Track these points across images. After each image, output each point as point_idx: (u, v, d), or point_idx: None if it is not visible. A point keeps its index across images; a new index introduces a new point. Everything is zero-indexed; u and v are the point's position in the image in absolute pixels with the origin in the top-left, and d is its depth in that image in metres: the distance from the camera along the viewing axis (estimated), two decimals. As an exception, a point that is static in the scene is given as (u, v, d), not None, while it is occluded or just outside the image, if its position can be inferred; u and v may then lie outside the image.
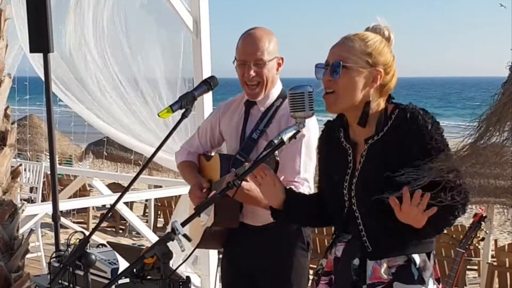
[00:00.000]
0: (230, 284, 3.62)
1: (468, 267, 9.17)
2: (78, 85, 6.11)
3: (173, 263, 2.58)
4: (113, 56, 6.06)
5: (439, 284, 2.71)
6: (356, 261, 2.66)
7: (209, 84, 3.28)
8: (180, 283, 2.56)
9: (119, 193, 8.68)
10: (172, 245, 2.47)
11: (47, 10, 4.39)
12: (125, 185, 11.40)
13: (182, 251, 2.51)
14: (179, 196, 6.39)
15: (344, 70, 2.61)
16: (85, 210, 11.43)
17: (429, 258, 2.67)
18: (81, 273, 3.71)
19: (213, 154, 3.67)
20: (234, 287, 3.59)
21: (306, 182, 3.35)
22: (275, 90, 3.49)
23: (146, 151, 6.13)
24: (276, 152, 2.67)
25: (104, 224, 12.56)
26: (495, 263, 8.24)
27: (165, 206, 12.16)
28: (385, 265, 2.62)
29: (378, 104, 2.68)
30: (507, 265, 7.80)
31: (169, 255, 2.48)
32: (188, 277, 2.62)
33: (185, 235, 2.46)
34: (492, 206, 8.34)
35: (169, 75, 5.97)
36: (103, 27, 6.04)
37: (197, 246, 3.30)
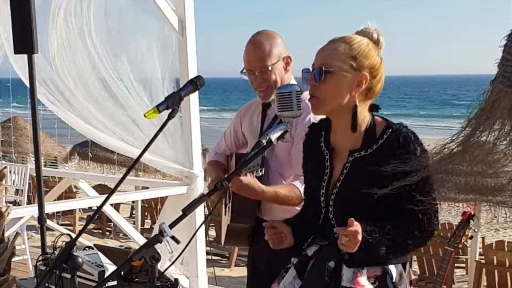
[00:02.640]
0: (254, 279, 3.71)
1: (455, 265, 9.20)
2: (62, 86, 6.05)
3: (161, 265, 2.55)
4: (99, 56, 6.00)
5: (411, 286, 2.73)
6: (331, 264, 2.66)
7: (195, 84, 3.24)
8: (169, 285, 2.53)
9: (106, 195, 8.63)
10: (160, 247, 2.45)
11: (32, 11, 4.36)
12: (112, 186, 11.34)
13: (171, 253, 2.49)
14: (166, 197, 6.35)
15: (327, 75, 2.60)
16: (71, 212, 11.37)
17: (405, 269, 2.68)
18: (68, 276, 3.69)
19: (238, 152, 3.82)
20: (259, 282, 3.64)
21: None
22: None
23: (132, 153, 6.07)
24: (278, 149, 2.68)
25: (91, 226, 12.51)
26: (483, 261, 8.27)
27: (152, 207, 12.12)
28: (365, 274, 2.62)
29: (363, 111, 2.66)
30: (495, 262, 7.83)
31: (157, 257, 2.45)
32: (176, 279, 2.59)
33: (173, 237, 2.44)
34: (479, 204, 8.37)
35: (158, 75, 5.92)
36: (89, 27, 5.99)
37: (224, 244, 3.65)
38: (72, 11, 6.05)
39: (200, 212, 5.83)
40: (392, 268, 2.63)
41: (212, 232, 10.46)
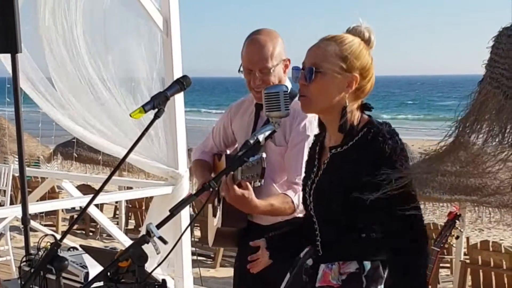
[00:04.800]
0: (242, 281, 3.64)
1: (440, 265, 9.23)
2: (48, 84, 6.01)
3: (148, 266, 2.52)
4: (86, 55, 5.96)
5: None
6: (309, 262, 2.68)
7: (181, 83, 3.21)
8: (156, 286, 2.51)
9: (90, 195, 8.57)
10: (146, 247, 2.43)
11: (15, 10, 4.32)
12: (95, 186, 11.24)
13: (158, 253, 2.47)
14: (151, 197, 6.32)
15: (317, 76, 2.58)
16: (54, 212, 11.31)
17: (384, 268, 2.59)
18: (53, 277, 3.65)
19: (227, 152, 3.74)
20: (246, 285, 3.60)
21: None
22: None
23: (118, 153, 6.03)
24: (264, 157, 2.62)
25: (74, 226, 12.44)
26: (467, 261, 8.31)
27: (136, 207, 12.06)
28: (336, 270, 2.61)
29: (353, 111, 2.64)
30: (480, 262, 7.87)
31: (144, 258, 2.43)
32: (164, 280, 2.57)
33: (160, 238, 2.42)
34: (464, 204, 8.41)
35: (144, 75, 5.89)
36: (75, 25, 5.94)
37: (212, 245, 3.60)
38: (57, 10, 6.01)
39: (185, 212, 5.81)
40: (367, 264, 2.60)
41: (197, 233, 10.43)
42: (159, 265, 2.56)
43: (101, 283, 2.61)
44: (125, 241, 5.98)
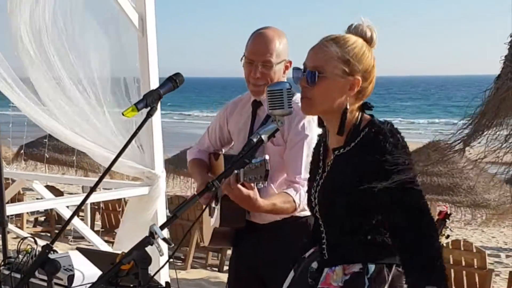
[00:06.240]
0: (237, 280, 3.61)
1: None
2: (21, 83, 5.87)
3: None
4: (57, 55, 5.83)
5: None
6: (314, 265, 2.66)
7: (174, 81, 3.16)
8: (160, 289, 2.44)
9: (63, 197, 8.40)
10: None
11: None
12: (60, 188, 11.04)
13: (161, 255, 2.40)
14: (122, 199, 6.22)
15: (320, 79, 2.55)
16: (18, 214, 11.08)
17: (390, 270, 2.59)
18: (36, 281, 3.54)
19: (223, 151, 3.72)
20: (241, 284, 3.58)
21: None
22: None
23: (90, 149, 5.91)
24: (268, 159, 2.57)
25: (39, 229, 12.27)
26: (439, 260, 8.34)
27: (102, 209, 11.89)
28: (339, 272, 2.59)
29: (354, 111, 2.62)
30: (451, 262, 7.91)
31: (148, 260, 2.36)
32: (167, 283, 2.50)
33: (164, 239, 2.35)
34: (435, 204, 8.48)
35: (117, 74, 5.79)
36: (46, 25, 5.81)
37: (209, 244, 3.58)
38: (28, 9, 5.87)
39: (162, 212, 5.74)
40: (371, 266, 2.59)
41: (167, 234, 10.31)
42: (162, 267, 2.49)
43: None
44: (101, 244, 5.86)
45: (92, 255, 2.98)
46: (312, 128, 3.25)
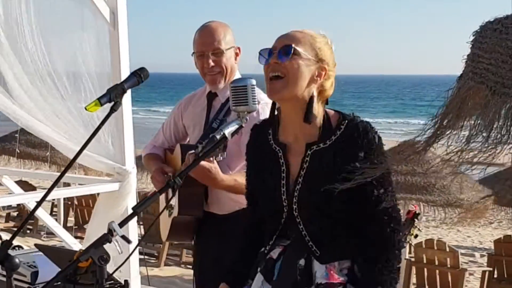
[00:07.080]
0: (203, 273, 3.60)
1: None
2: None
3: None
4: (27, 47, 5.75)
5: None
6: (302, 262, 2.60)
7: (139, 76, 3.12)
8: (118, 287, 2.39)
9: (34, 192, 8.31)
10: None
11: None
12: (32, 182, 10.93)
13: (120, 253, 2.35)
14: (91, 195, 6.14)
15: (295, 54, 2.55)
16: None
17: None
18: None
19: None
20: (207, 276, 3.54)
21: None
22: None
23: (62, 144, 5.83)
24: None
25: (11, 224, 12.13)
26: (412, 259, 8.38)
27: (75, 205, 11.78)
28: (337, 267, 2.59)
29: (317, 105, 2.61)
30: (425, 261, 7.94)
31: (106, 258, 2.31)
32: (126, 281, 2.45)
33: (123, 237, 2.31)
34: (408, 203, 8.49)
35: (91, 68, 5.72)
36: (19, 17, 5.73)
37: (167, 239, 3.58)
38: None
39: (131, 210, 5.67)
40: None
41: (141, 231, 10.24)
42: (121, 265, 2.45)
43: (58, 283, 2.48)
44: (72, 242, 5.78)
45: (51, 252, 2.91)
46: (266, 113, 3.13)
